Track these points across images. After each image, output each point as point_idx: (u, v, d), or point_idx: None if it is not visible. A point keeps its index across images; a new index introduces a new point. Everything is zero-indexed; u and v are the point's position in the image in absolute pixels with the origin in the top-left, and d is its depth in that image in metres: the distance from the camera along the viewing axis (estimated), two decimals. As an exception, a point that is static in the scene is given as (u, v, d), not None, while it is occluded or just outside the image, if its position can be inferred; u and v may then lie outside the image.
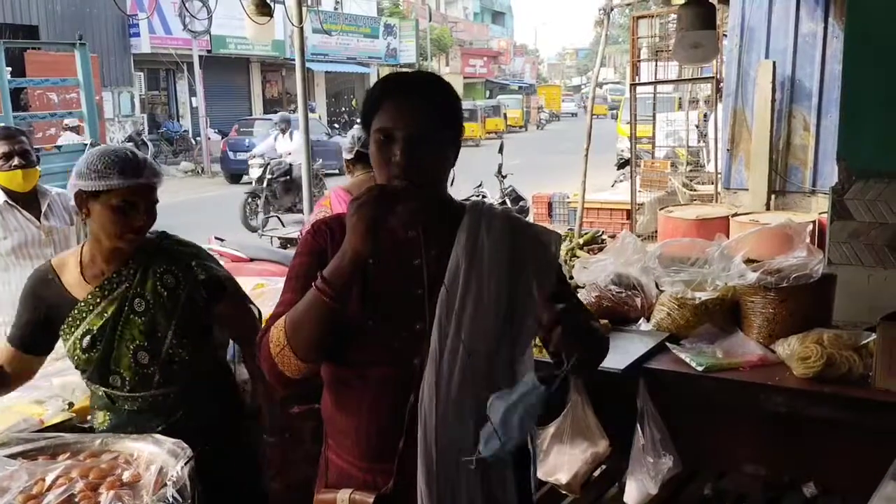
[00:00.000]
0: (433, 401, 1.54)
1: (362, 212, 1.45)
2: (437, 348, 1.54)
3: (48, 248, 3.47)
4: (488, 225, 1.61)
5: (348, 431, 1.64)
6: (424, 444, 1.54)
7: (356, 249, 1.46)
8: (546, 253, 1.66)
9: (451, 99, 1.63)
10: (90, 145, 6.64)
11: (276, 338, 1.55)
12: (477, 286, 1.56)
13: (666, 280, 2.89)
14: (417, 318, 1.58)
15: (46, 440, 1.66)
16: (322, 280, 1.49)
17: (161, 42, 22.33)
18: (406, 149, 1.52)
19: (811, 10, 6.78)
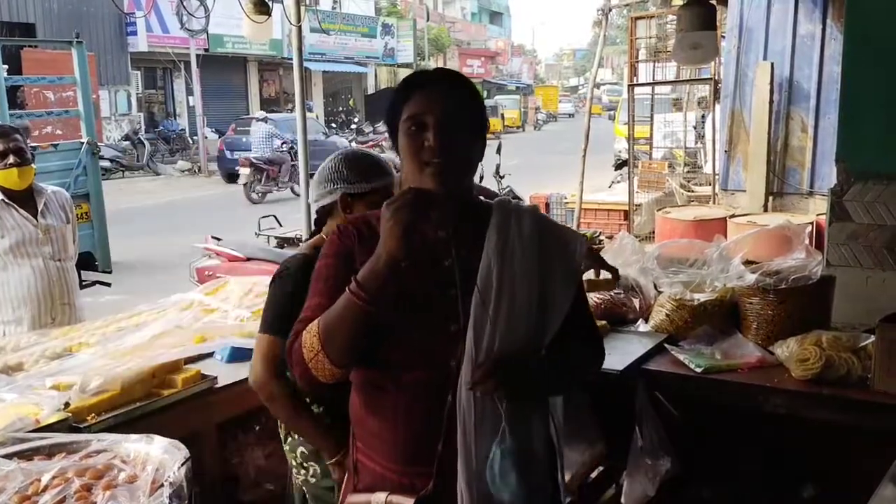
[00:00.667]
0: (471, 402, 1.53)
1: (398, 215, 1.44)
2: (472, 349, 1.53)
3: (46, 247, 3.46)
4: (518, 224, 1.60)
5: (382, 435, 1.62)
6: (464, 445, 1.53)
7: (391, 253, 1.45)
8: (571, 254, 1.66)
9: (476, 95, 1.65)
10: (87, 144, 6.63)
11: (309, 343, 1.53)
12: (510, 286, 1.55)
13: (664, 281, 2.88)
14: (452, 319, 1.57)
15: (42, 440, 1.65)
16: (356, 284, 1.48)
17: (158, 41, 22.29)
18: (438, 132, 1.53)
19: (809, 12, 6.79)
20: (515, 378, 1.54)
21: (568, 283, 1.64)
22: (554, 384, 1.68)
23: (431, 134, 1.53)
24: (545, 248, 1.61)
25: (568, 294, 1.63)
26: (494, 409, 1.54)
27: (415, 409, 1.59)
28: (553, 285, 1.60)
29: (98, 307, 6.34)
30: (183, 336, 2.73)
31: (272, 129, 17.25)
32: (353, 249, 1.61)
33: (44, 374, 2.37)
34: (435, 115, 1.54)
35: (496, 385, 1.51)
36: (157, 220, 13.40)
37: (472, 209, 1.65)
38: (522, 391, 1.58)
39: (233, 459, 2.56)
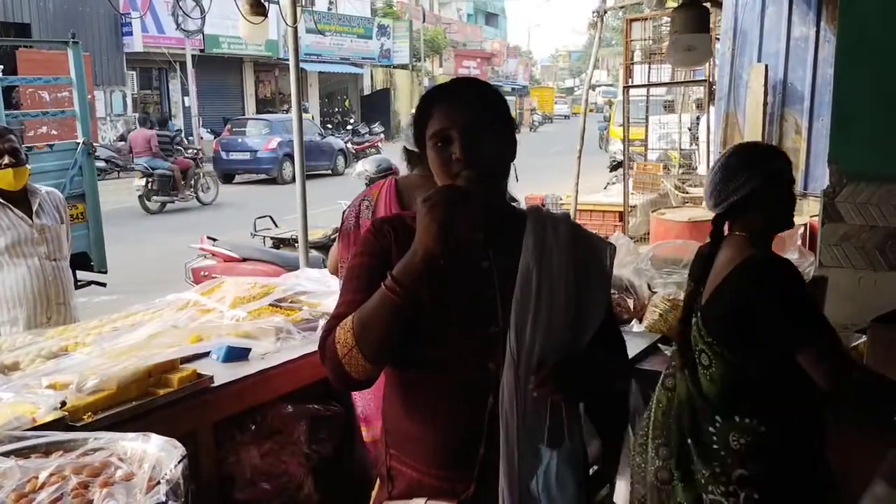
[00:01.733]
0: (513, 405, 1.52)
1: (435, 212, 1.43)
2: (514, 351, 1.52)
3: (41, 247, 3.47)
4: (554, 230, 1.60)
5: (420, 439, 1.61)
6: (507, 448, 1.52)
7: (428, 249, 1.44)
8: (602, 261, 1.67)
9: (497, 96, 1.65)
10: (83, 144, 6.62)
11: (343, 339, 1.52)
12: (548, 289, 1.55)
13: (658, 282, 2.91)
14: (491, 321, 1.57)
15: (39, 438, 1.65)
16: (392, 279, 1.48)
17: (154, 41, 22.26)
18: (464, 144, 1.53)
19: (803, 14, 6.81)
20: (571, 380, 1.53)
21: (601, 289, 1.66)
22: (597, 387, 1.68)
23: (458, 147, 1.54)
24: (579, 254, 1.61)
25: (602, 300, 1.65)
26: (536, 413, 1.54)
27: (454, 412, 1.58)
28: (588, 290, 1.60)
29: (93, 307, 6.34)
30: (179, 336, 2.73)
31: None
32: (390, 247, 1.61)
33: (40, 373, 2.37)
34: (458, 127, 1.54)
35: (556, 388, 1.51)
36: (151, 220, 13.38)
37: (507, 213, 1.66)
38: (576, 394, 1.59)
39: (229, 458, 2.56)
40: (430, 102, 1.62)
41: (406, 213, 1.70)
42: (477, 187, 1.51)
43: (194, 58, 21.27)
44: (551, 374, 1.50)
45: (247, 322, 2.92)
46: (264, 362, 2.67)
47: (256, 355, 2.71)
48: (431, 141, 1.58)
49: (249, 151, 18.92)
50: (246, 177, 19.60)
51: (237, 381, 2.54)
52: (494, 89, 1.67)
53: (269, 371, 2.64)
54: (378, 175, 4.45)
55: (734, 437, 2.03)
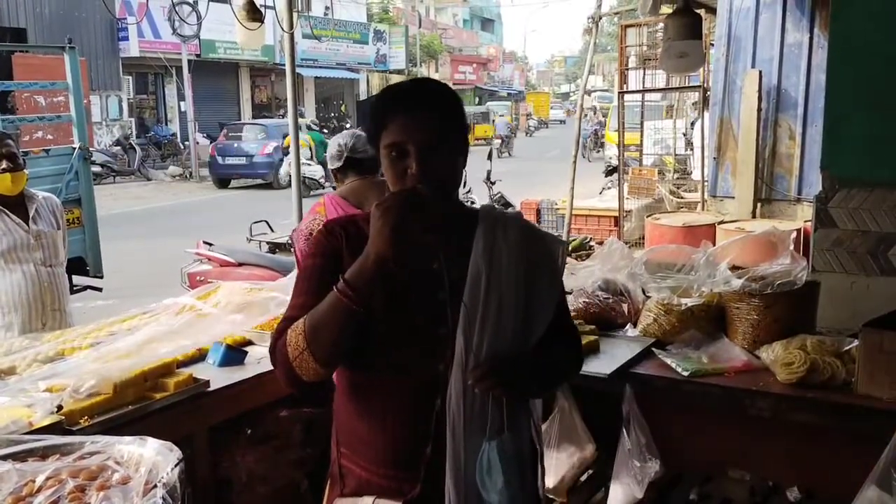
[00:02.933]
0: (461, 406, 1.54)
1: (388, 216, 1.44)
2: (462, 353, 1.54)
3: (37, 252, 3.47)
4: (504, 230, 1.62)
5: (369, 439, 1.63)
6: (453, 448, 1.55)
7: (380, 253, 1.45)
8: (554, 261, 1.69)
9: (454, 103, 1.64)
10: (79, 149, 6.62)
11: (294, 341, 1.52)
12: (497, 291, 1.57)
13: (652, 286, 2.91)
14: (440, 323, 1.58)
15: (36, 442, 1.65)
16: (344, 283, 1.48)
17: (150, 46, 22.26)
18: (420, 160, 1.53)
19: (797, 21, 6.86)
20: (512, 376, 1.56)
21: (552, 287, 1.68)
22: (543, 383, 1.71)
23: (414, 162, 1.53)
24: (530, 254, 1.63)
25: (552, 298, 1.67)
26: (484, 412, 1.56)
27: (402, 413, 1.60)
28: (538, 290, 1.63)
29: (89, 312, 6.32)
30: (175, 340, 2.74)
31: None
32: (341, 249, 1.62)
33: (36, 377, 2.37)
34: (415, 141, 1.54)
35: (495, 383, 1.53)
36: (147, 225, 13.38)
37: (459, 215, 1.67)
38: (519, 389, 1.61)
39: (224, 462, 2.57)
40: (388, 108, 1.60)
41: (358, 215, 1.70)
42: (434, 200, 1.51)
43: (190, 63, 21.28)
44: (491, 370, 1.52)
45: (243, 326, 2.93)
46: (260, 366, 2.68)
47: (252, 359, 2.72)
48: (387, 150, 1.57)
49: (245, 156, 18.93)
50: (242, 181, 19.60)
51: (233, 385, 2.54)
52: (452, 93, 1.66)
53: (265, 375, 2.64)
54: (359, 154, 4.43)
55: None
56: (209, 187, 19.52)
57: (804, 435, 2.50)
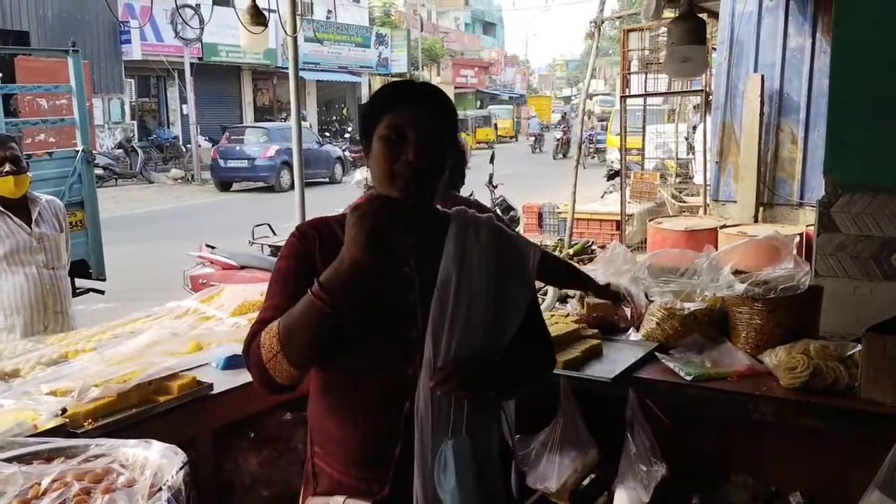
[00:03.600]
0: (428, 408, 1.56)
1: (363, 222, 1.45)
2: (431, 356, 1.56)
3: (39, 255, 3.48)
4: (476, 234, 1.64)
5: (340, 440, 1.64)
6: (421, 450, 1.56)
7: (355, 258, 1.45)
8: (525, 263, 1.70)
9: (452, 109, 1.68)
10: (82, 152, 6.63)
11: (268, 344, 1.53)
12: (467, 293, 1.58)
13: (655, 290, 2.91)
14: (410, 325, 1.59)
15: (41, 445, 1.66)
16: (319, 287, 1.48)
17: (152, 49, 22.31)
18: (417, 149, 1.54)
19: (799, 25, 6.87)
20: (476, 379, 1.57)
21: (523, 290, 1.69)
22: (510, 386, 1.71)
23: (411, 149, 1.55)
24: (501, 257, 1.65)
25: (522, 301, 1.68)
26: (451, 414, 1.57)
27: (372, 414, 1.61)
28: (509, 293, 1.64)
29: (91, 314, 6.34)
30: (178, 343, 2.75)
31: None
32: (314, 252, 1.62)
33: (40, 380, 2.38)
34: (417, 131, 1.56)
35: (457, 385, 1.54)
36: (150, 228, 13.39)
37: (432, 217, 1.67)
38: (482, 392, 1.61)
39: (227, 466, 2.57)
40: (394, 95, 1.63)
41: (330, 218, 1.71)
42: (411, 208, 1.53)
43: (192, 66, 21.32)
44: (454, 373, 1.53)
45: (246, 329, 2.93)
46: (263, 370, 2.68)
47: (256, 363, 2.72)
48: (386, 131, 1.57)
49: (247, 159, 18.95)
50: (243, 184, 19.63)
51: (236, 388, 2.54)
52: (452, 106, 1.69)
53: (268, 378, 2.64)
54: (377, 183, 4.49)
55: None
56: (211, 190, 19.54)
57: (807, 440, 2.50)
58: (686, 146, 11.45)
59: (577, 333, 2.84)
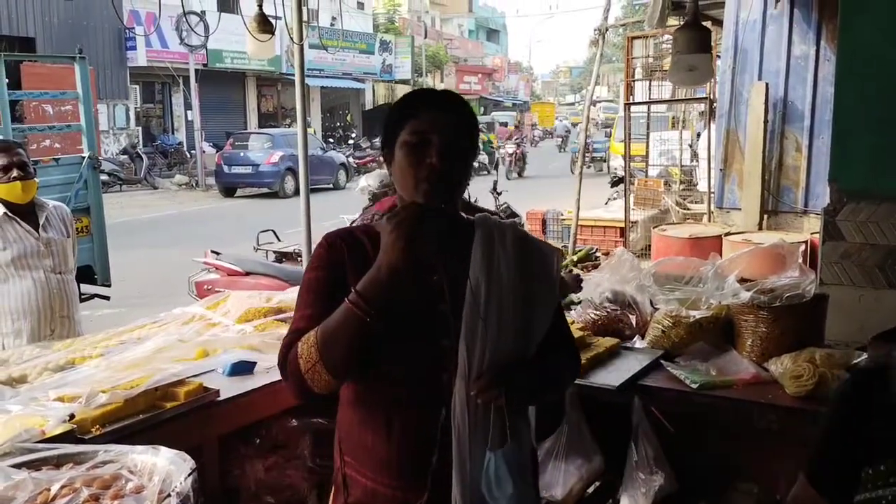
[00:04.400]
0: (465, 414, 1.56)
1: (401, 228, 1.46)
2: (465, 363, 1.56)
3: (47, 260, 3.49)
4: (501, 240, 1.64)
5: (374, 449, 1.64)
6: (459, 457, 1.57)
7: (393, 265, 1.47)
8: (550, 267, 1.71)
9: (474, 116, 1.69)
10: (88, 158, 6.66)
11: (306, 354, 1.53)
12: (497, 300, 1.59)
13: (661, 298, 2.92)
14: (443, 333, 1.60)
15: (50, 451, 1.67)
16: (357, 295, 1.49)
17: (157, 55, 22.39)
18: (441, 154, 1.56)
19: (803, 33, 6.87)
20: (514, 385, 1.58)
21: (550, 295, 1.70)
22: (544, 390, 1.73)
23: (435, 154, 1.56)
24: (527, 263, 1.65)
25: (550, 306, 1.70)
26: (487, 421, 1.57)
27: (408, 424, 1.61)
28: (536, 298, 1.65)
29: (96, 320, 6.35)
30: (185, 350, 2.75)
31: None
32: (344, 261, 1.63)
33: (47, 386, 2.38)
34: (441, 136, 1.57)
35: (498, 393, 1.54)
36: (154, 233, 13.42)
37: (456, 225, 1.68)
38: (521, 398, 1.63)
39: (234, 472, 2.57)
40: (416, 102, 1.65)
41: (355, 228, 1.73)
42: (442, 201, 1.55)
43: (197, 72, 21.38)
44: (492, 379, 1.54)
45: (252, 336, 2.94)
46: (269, 376, 2.68)
47: (262, 369, 2.73)
48: (410, 137, 1.59)
49: (251, 165, 19.00)
50: (248, 190, 19.67)
51: (243, 394, 2.55)
52: (474, 114, 1.71)
53: (274, 385, 2.65)
54: (381, 190, 4.50)
55: None
56: (215, 196, 19.58)
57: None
58: (690, 153, 11.45)
59: (582, 341, 2.84)
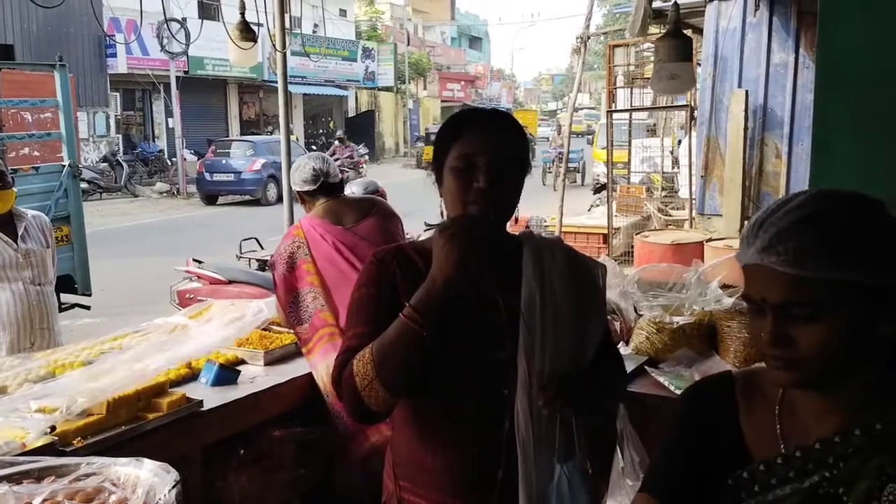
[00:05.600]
0: (529, 426, 1.55)
1: (456, 240, 1.46)
2: (525, 376, 1.56)
3: (26, 271, 3.45)
4: (551, 254, 1.64)
5: (437, 469, 1.63)
6: (525, 469, 1.56)
7: (448, 277, 1.47)
8: (596, 281, 1.72)
9: (523, 133, 1.68)
10: (69, 167, 6.59)
11: (361, 371, 1.52)
12: (552, 313, 1.59)
13: (644, 304, 2.93)
14: (499, 346, 1.59)
15: (31, 463, 1.64)
16: (411, 309, 1.49)
17: (138, 62, 22.25)
18: (490, 176, 1.55)
19: (782, 41, 6.95)
20: (579, 394, 1.58)
21: (599, 308, 1.72)
22: (603, 399, 1.74)
23: (482, 177, 1.55)
24: (576, 278, 1.65)
25: (601, 319, 1.71)
26: (551, 432, 1.58)
27: (471, 439, 1.60)
28: (587, 311, 1.65)
29: (77, 330, 6.29)
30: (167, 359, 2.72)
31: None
32: (395, 278, 1.63)
33: (28, 397, 2.35)
34: (487, 157, 1.56)
35: (564, 403, 1.54)
36: (134, 242, 13.31)
37: (504, 240, 1.68)
38: (585, 406, 1.63)
39: (217, 483, 2.55)
40: (462, 124, 1.63)
41: (404, 245, 1.73)
42: (494, 226, 1.55)
43: (178, 79, 21.27)
44: (558, 390, 1.54)
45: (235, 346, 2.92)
46: (253, 385, 2.68)
47: (245, 379, 2.72)
48: (456, 161, 1.58)
49: (233, 173, 18.91)
50: (230, 198, 19.57)
51: (226, 405, 2.53)
52: (522, 129, 1.69)
53: (257, 395, 2.64)
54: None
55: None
56: (196, 204, 19.46)
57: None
58: (671, 160, 11.53)
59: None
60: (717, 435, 1.27)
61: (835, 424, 1.17)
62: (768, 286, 1.12)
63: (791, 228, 1.11)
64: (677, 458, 1.30)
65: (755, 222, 1.16)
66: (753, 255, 1.13)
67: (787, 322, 1.11)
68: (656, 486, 1.30)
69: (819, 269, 1.08)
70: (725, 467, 1.23)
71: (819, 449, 1.16)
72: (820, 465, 1.15)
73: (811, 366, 1.11)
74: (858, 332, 1.10)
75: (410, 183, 15.20)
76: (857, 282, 1.08)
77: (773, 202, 1.17)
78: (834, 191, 1.15)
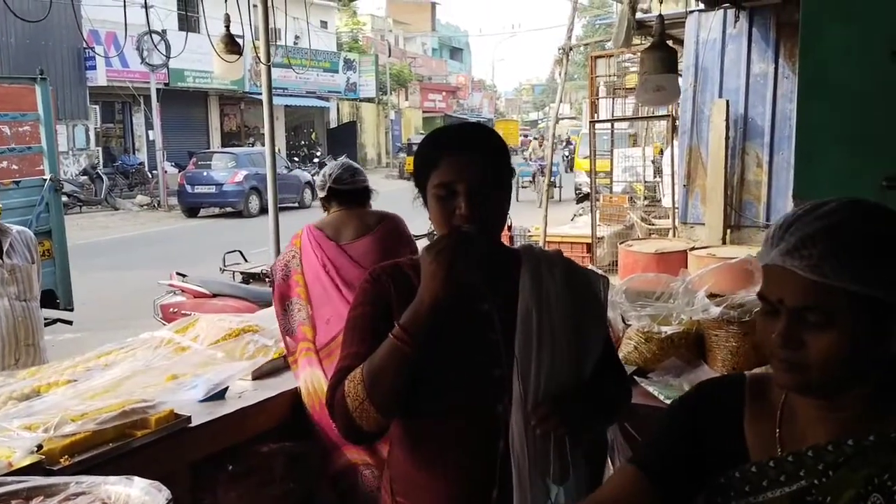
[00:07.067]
0: (524, 445, 1.54)
1: (441, 258, 1.45)
2: (521, 393, 1.54)
3: (11, 287, 3.41)
4: (549, 269, 1.62)
5: (432, 487, 1.61)
6: (520, 489, 1.54)
7: (435, 295, 1.45)
8: (597, 295, 1.69)
9: (501, 145, 1.65)
10: (50, 181, 6.54)
11: (353, 392, 1.51)
12: (549, 329, 1.57)
13: (632, 314, 2.94)
14: (495, 364, 1.58)
15: (20, 483, 1.61)
16: (400, 328, 1.48)
17: (118, 75, 22.10)
18: (469, 200, 1.53)
19: (762, 52, 7.04)
20: (573, 413, 1.55)
21: (599, 323, 1.68)
22: (599, 419, 1.71)
23: (463, 202, 1.53)
24: (576, 292, 1.63)
25: (600, 334, 1.67)
26: (546, 452, 1.55)
27: (465, 458, 1.59)
28: (586, 326, 1.63)
29: (59, 345, 6.21)
30: (154, 375, 2.70)
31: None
32: (390, 296, 1.61)
33: (12, 415, 2.31)
34: (465, 182, 1.54)
35: (558, 422, 1.52)
36: (116, 255, 13.19)
37: (501, 255, 1.67)
38: (580, 427, 1.60)
39: (206, 499, 2.52)
40: (438, 148, 1.61)
41: (401, 261, 1.71)
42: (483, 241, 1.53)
43: (159, 91, 21.17)
44: (552, 409, 1.51)
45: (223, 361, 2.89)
46: (241, 401, 2.65)
47: (233, 394, 2.69)
48: (435, 190, 1.57)
49: (215, 185, 18.82)
50: (211, 210, 19.46)
51: (214, 420, 2.51)
52: (498, 136, 1.67)
53: (246, 410, 2.62)
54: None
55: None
56: (178, 216, 19.34)
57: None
58: (653, 169, 11.62)
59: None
60: (719, 431, 1.27)
61: (830, 433, 1.18)
62: (787, 289, 1.12)
63: (818, 235, 1.11)
64: (674, 441, 1.30)
65: (782, 223, 1.16)
66: (776, 257, 1.13)
67: (800, 326, 1.12)
68: (648, 463, 1.28)
69: (841, 278, 1.08)
70: (722, 465, 1.24)
71: (811, 456, 1.17)
72: (810, 472, 1.16)
73: (816, 372, 1.12)
74: (868, 345, 1.11)
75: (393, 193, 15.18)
76: (876, 296, 1.09)
77: (803, 204, 1.16)
78: (866, 202, 1.15)
